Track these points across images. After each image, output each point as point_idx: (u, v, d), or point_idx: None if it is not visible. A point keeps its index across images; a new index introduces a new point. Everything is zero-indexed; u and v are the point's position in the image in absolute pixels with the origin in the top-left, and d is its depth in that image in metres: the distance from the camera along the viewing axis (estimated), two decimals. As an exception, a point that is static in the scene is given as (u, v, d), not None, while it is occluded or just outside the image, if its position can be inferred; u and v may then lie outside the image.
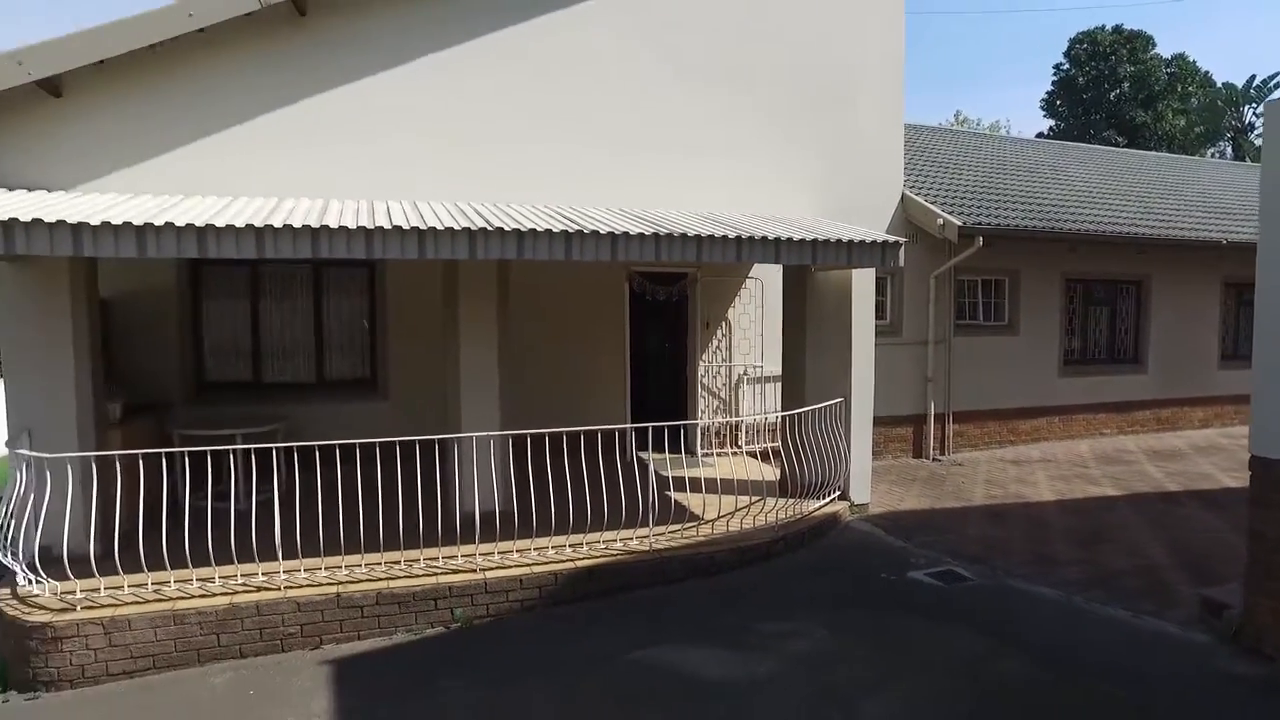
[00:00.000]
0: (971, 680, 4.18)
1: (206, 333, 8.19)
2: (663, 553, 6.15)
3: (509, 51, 6.70)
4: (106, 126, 5.74)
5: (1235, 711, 3.91)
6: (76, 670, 4.92)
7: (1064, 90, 35.96)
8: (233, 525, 5.44)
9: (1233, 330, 13.66)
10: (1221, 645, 4.52)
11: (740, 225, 6.52)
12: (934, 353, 10.84)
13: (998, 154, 15.16)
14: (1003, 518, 7.76)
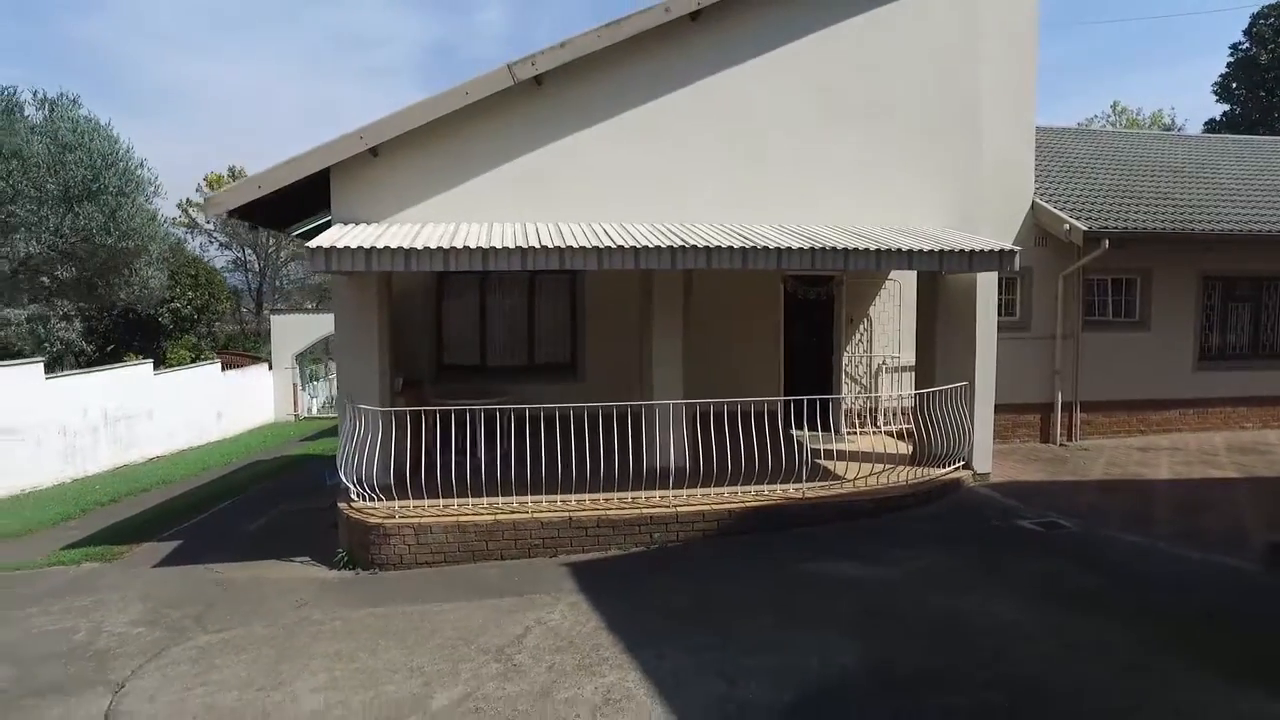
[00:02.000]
0: (1046, 587, 5.55)
1: (445, 328, 10.48)
2: (813, 500, 7.75)
3: (687, 106, 8.43)
4: (405, 176, 7.95)
5: (1236, 600, 5.11)
6: (396, 558, 7.11)
7: (1242, 71, 33.83)
8: (483, 470, 7.44)
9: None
10: (1269, 571, 5.66)
11: (879, 238, 8.00)
12: (1061, 346, 11.78)
13: (1139, 153, 15.48)
14: (1114, 490, 8.83)
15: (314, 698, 4.23)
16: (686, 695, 3.93)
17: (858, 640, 4.64)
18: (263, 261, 45.62)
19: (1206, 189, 13.47)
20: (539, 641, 4.89)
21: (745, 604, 5.44)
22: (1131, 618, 4.87)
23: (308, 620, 5.72)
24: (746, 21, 8.48)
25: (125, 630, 5.77)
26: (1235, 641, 4.51)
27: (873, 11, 8.83)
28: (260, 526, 9.94)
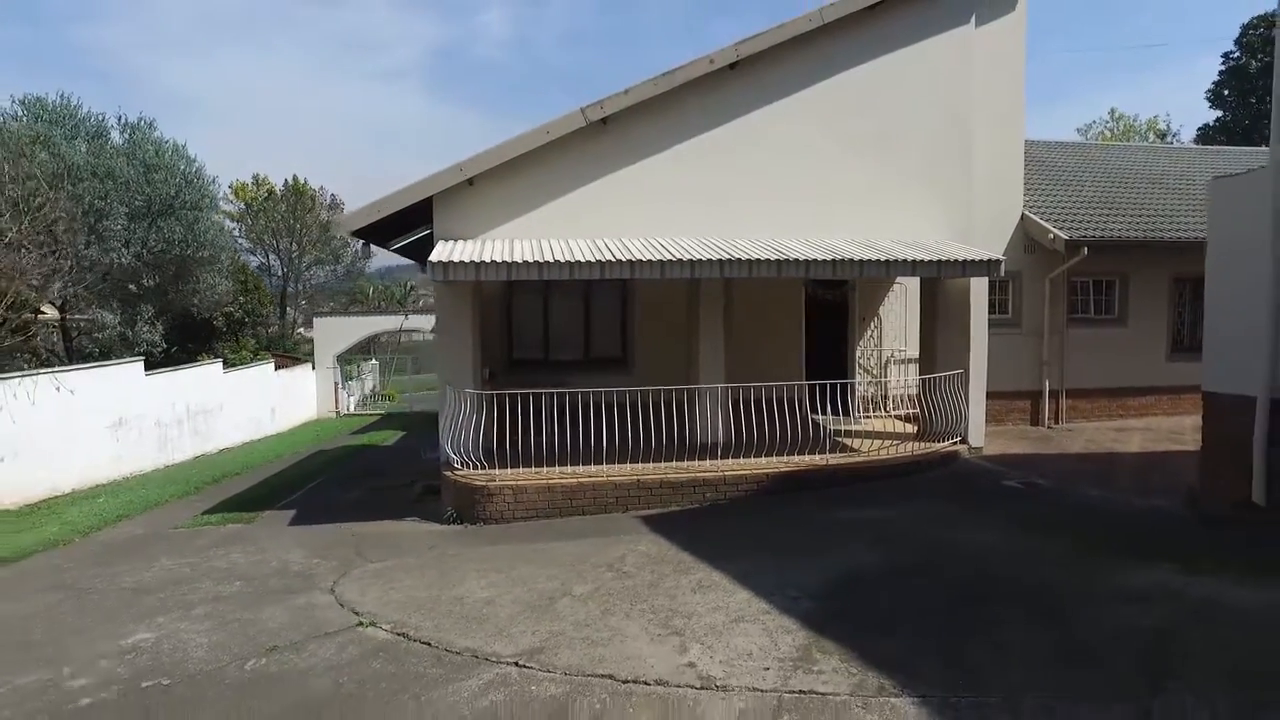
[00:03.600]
0: (1017, 521, 7.19)
1: (514, 328, 12.17)
2: (835, 467, 9.39)
3: (726, 140, 10.09)
4: (495, 199, 9.63)
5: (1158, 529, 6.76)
6: (498, 514, 8.78)
7: (1233, 79, 35.32)
8: (557, 443, 9.09)
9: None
10: (1183, 512, 7.30)
11: (888, 250, 9.65)
12: (1048, 341, 13.41)
13: (1122, 164, 17.03)
14: (1088, 460, 10.47)
15: (483, 591, 5.89)
16: (755, 581, 5.57)
17: (873, 552, 6.29)
18: (286, 266, 47.50)
19: (1180, 199, 15.06)
20: (636, 560, 6.56)
21: (787, 536, 7.09)
22: (1076, 538, 6.53)
23: (445, 554, 7.40)
24: (775, 69, 10.14)
25: (305, 562, 7.46)
26: (1148, 547, 6.15)
27: (879, 59, 10.49)
28: (355, 499, 11.64)
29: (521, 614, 5.24)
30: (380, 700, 3.97)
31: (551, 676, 4.13)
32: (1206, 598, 4.77)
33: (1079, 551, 6.08)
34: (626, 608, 5.23)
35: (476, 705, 3.82)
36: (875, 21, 10.34)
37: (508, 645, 4.63)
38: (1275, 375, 6.60)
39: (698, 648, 4.39)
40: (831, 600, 5.10)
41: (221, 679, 4.46)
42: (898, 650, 4.17)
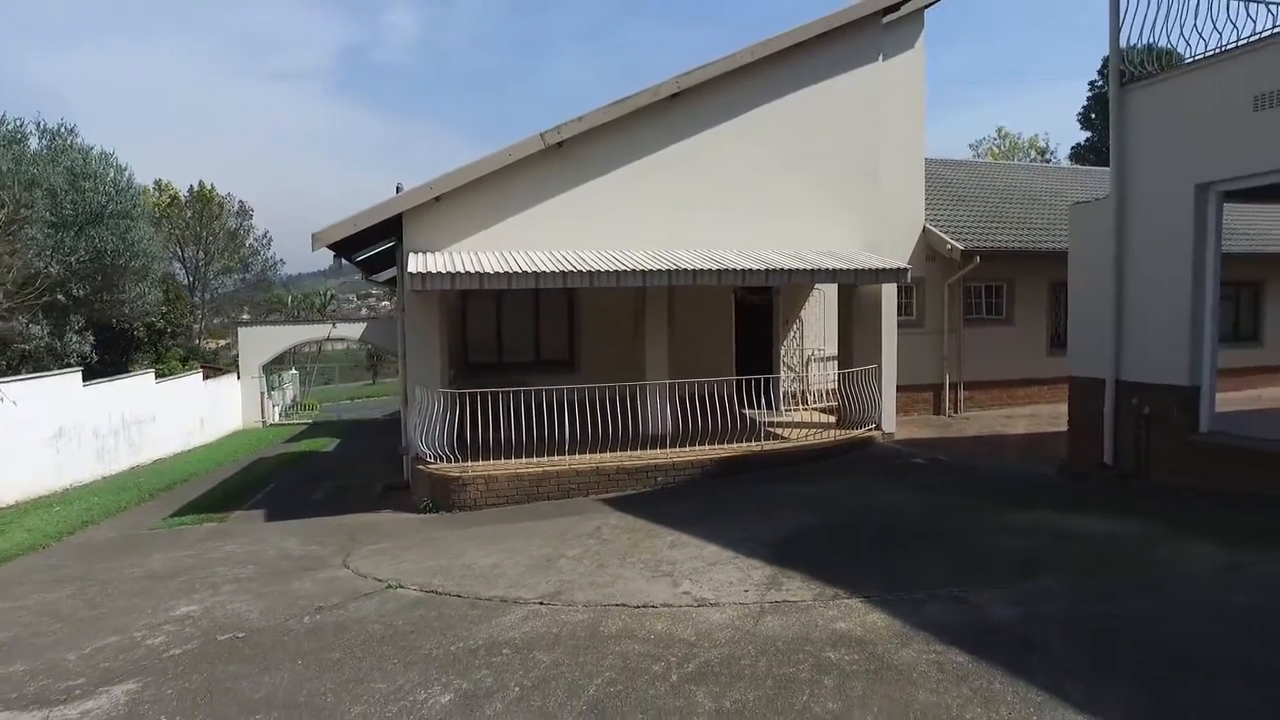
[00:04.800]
0: (924, 486, 8.62)
1: (469, 333, 13.01)
2: (769, 452, 10.65)
3: (669, 161, 11.26)
4: (461, 215, 10.50)
5: (1034, 486, 8.28)
6: (471, 501, 9.67)
7: (1099, 104, 39.00)
8: (520, 437, 10.06)
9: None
10: (1054, 474, 8.88)
11: (813, 260, 11.00)
12: (948, 339, 15.14)
13: (1008, 182, 19.17)
14: (981, 440, 12.11)
15: (486, 559, 6.83)
16: (719, 538, 6.70)
17: (811, 514, 7.53)
18: (191, 275, 46.28)
19: (1056, 213, 17.08)
20: (611, 530, 7.61)
21: (736, 506, 8.28)
22: (971, 495, 8.00)
23: (435, 536, 8.27)
24: (712, 98, 11.39)
25: (304, 548, 8.20)
26: (1026, 499, 7.63)
27: (803, 90, 11.87)
28: (320, 498, 12.29)
29: (528, 572, 6.22)
30: (439, 631, 4.90)
31: (574, 608, 5.15)
32: (1066, 529, 6.20)
33: (974, 504, 7.50)
34: (617, 562, 6.29)
35: (522, 629, 4.80)
36: (798, 57, 11.72)
37: (528, 592, 5.62)
38: (1119, 363, 8.21)
39: (687, 582, 5.49)
40: (785, 546, 6.29)
41: (288, 630, 5.27)
42: (843, 572, 5.37)
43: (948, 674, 3.66)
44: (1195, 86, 7.67)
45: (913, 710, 3.35)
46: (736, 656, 4.08)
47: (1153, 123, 8.10)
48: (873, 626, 4.34)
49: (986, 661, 3.74)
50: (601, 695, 3.77)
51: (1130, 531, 6.01)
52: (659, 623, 4.72)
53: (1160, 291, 7.92)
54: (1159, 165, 7.96)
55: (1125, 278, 8.26)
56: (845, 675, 3.74)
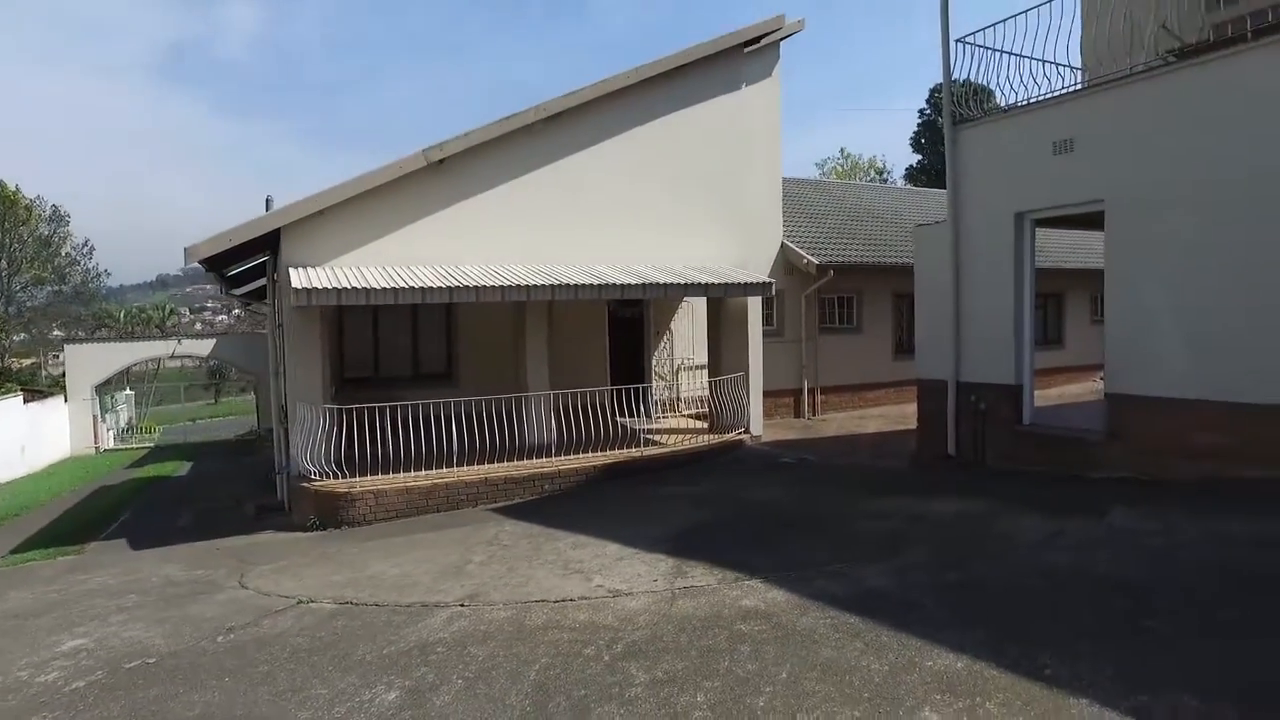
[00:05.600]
0: (794, 481, 9.46)
1: (346, 348, 12.84)
2: (649, 457, 11.23)
3: (549, 179, 11.67)
4: (341, 230, 10.43)
5: (891, 477, 9.32)
6: (360, 517, 9.66)
7: (928, 130, 42.78)
8: (405, 450, 10.16)
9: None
10: (907, 466, 9.98)
11: (682, 274, 11.70)
12: (805, 347, 16.35)
13: (855, 201, 20.87)
14: (840, 440, 13.24)
15: (394, 570, 6.96)
16: (618, 537, 7.15)
17: (699, 511, 8.14)
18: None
19: (897, 231, 18.82)
20: (510, 536, 7.90)
21: (627, 508, 8.78)
22: (837, 487, 8.91)
23: (332, 552, 8.24)
24: (588, 120, 11.90)
25: (188, 573, 7.95)
26: (885, 487, 8.58)
27: (675, 113, 12.61)
28: (186, 524, 11.77)
29: (440, 579, 6.44)
30: (368, 637, 5.07)
31: (496, 607, 5.45)
32: (922, 511, 7.12)
33: (841, 494, 8.37)
34: (525, 564, 6.61)
35: (450, 629, 5.06)
36: (671, 83, 12.46)
37: (446, 596, 5.86)
38: (959, 366, 9.37)
39: (599, 577, 5.91)
40: (681, 540, 6.84)
41: (204, 650, 5.24)
42: (739, 558, 5.97)
43: (843, 633, 4.29)
44: (1010, 130, 8.96)
45: (818, 664, 3.93)
46: (659, 635, 4.55)
47: (979, 158, 9.35)
48: (774, 601, 4.94)
49: (873, 620, 4.40)
50: (543, 678, 4.13)
51: (974, 510, 6.99)
52: (580, 613, 5.12)
53: (990, 303, 9.14)
54: (985, 195, 9.21)
55: (962, 291, 9.46)
56: (758, 642, 4.29)
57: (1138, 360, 7.83)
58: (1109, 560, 5.22)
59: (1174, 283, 7.54)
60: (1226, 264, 7.18)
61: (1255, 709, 3.24)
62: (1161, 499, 6.75)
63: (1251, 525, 5.77)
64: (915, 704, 3.44)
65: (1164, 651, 3.82)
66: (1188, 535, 5.59)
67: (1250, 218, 7.02)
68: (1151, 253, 7.72)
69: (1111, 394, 8.14)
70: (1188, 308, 7.43)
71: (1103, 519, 6.19)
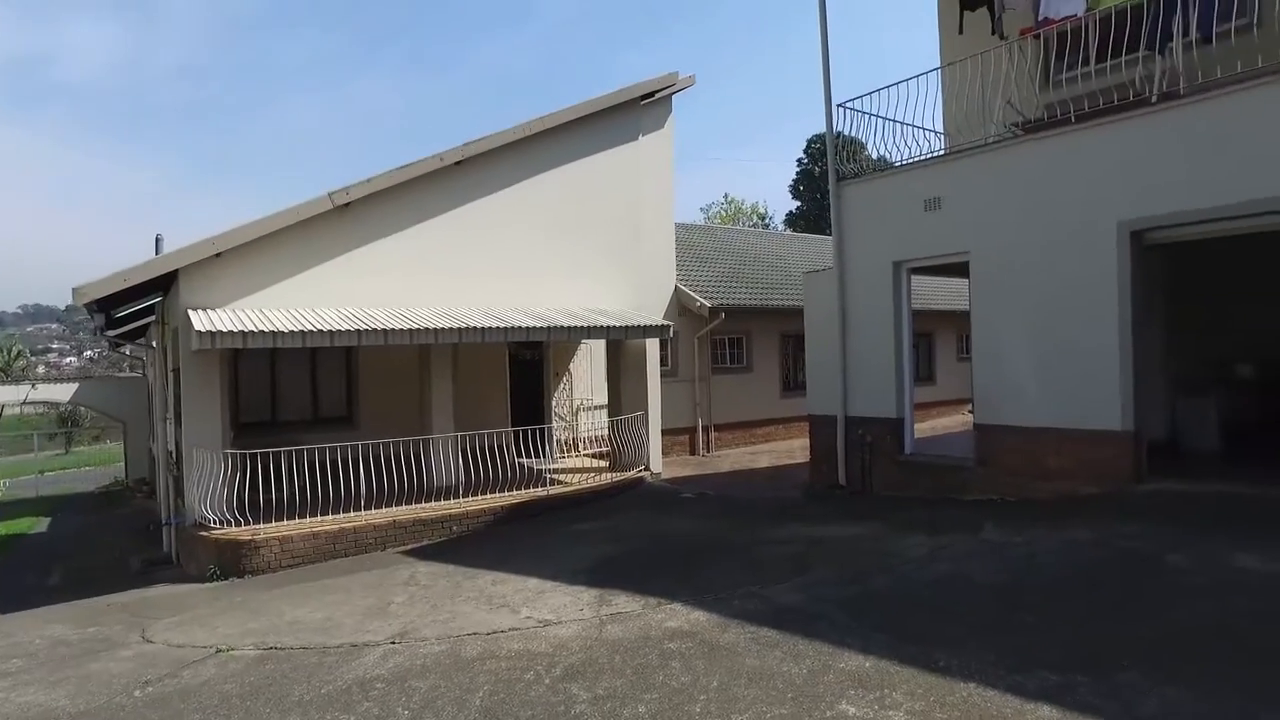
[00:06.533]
0: (699, 515, 9.95)
1: (241, 391, 12.50)
2: (554, 496, 11.48)
3: (454, 223, 11.89)
4: (244, 271, 10.28)
5: (788, 507, 9.97)
6: (265, 564, 9.45)
7: (806, 179, 45.38)
8: (318, 495, 10.06)
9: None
10: (801, 496, 10.69)
11: (585, 317, 12.14)
12: (699, 386, 17.06)
13: (742, 245, 21.97)
14: (735, 474, 13.90)
15: (314, 614, 6.93)
16: (537, 572, 7.39)
17: (611, 545, 8.48)
18: None
19: (783, 274, 19.97)
20: (427, 577, 7.98)
21: (541, 545, 9.00)
22: (739, 518, 9.45)
23: (241, 601, 8.05)
24: (495, 166, 12.25)
25: (80, 632, 7.59)
26: (784, 516, 9.19)
27: (576, 162, 13.13)
28: (60, 582, 11.17)
29: (365, 620, 6.49)
30: (302, 679, 5.11)
31: (428, 643, 5.60)
32: (820, 536, 7.73)
33: (744, 524, 8.90)
34: (449, 602, 6.76)
35: (387, 665, 5.18)
36: (572, 133, 12.99)
37: (375, 635, 5.94)
38: (847, 402, 10.19)
39: (526, 609, 6.15)
40: (599, 572, 7.15)
41: (122, 706, 5.11)
42: (659, 586, 6.34)
43: (763, 645, 4.74)
44: (887, 188, 9.96)
45: (744, 672, 4.35)
46: (594, 658, 4.86)
47: (860, 212, 10.30)
48: (697, 622, 5.34)
49: (788, 632, 4.87)
50: (489, 703, 4.36)
51: (866, 533, 7.66)
52: (514, 643, 5.35)
53: (873, 343, 10.03)
54: (867, 245, 10.14)
55: (848, 333, 10.32)
56: (687, 658, 4.67)
57: (1000, 394, 8.82)
58: (984, 568, 5.94)
59: (1025, 325, 8.59)
60: (1061, 310, 8.27)
61: (1098, 677, 3.92)
62: (1024, 515, 7.63)
63: (1091, 533, 6.67)
64: (833, 699, 3.92)
65: (1032, 638, 4.49)
66: (1045, 544, 6.42)
67: (1075, 271, 8.13)
68: (1007, 299, 8.76)
69: (980, 424, 9.10)
70: (1037, 347, 8.47)
71: (977, 534, 6.97)
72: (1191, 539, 6.17)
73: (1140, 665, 4.03)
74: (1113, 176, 7.92)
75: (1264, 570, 5.33)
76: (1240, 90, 7.23)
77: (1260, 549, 5.72)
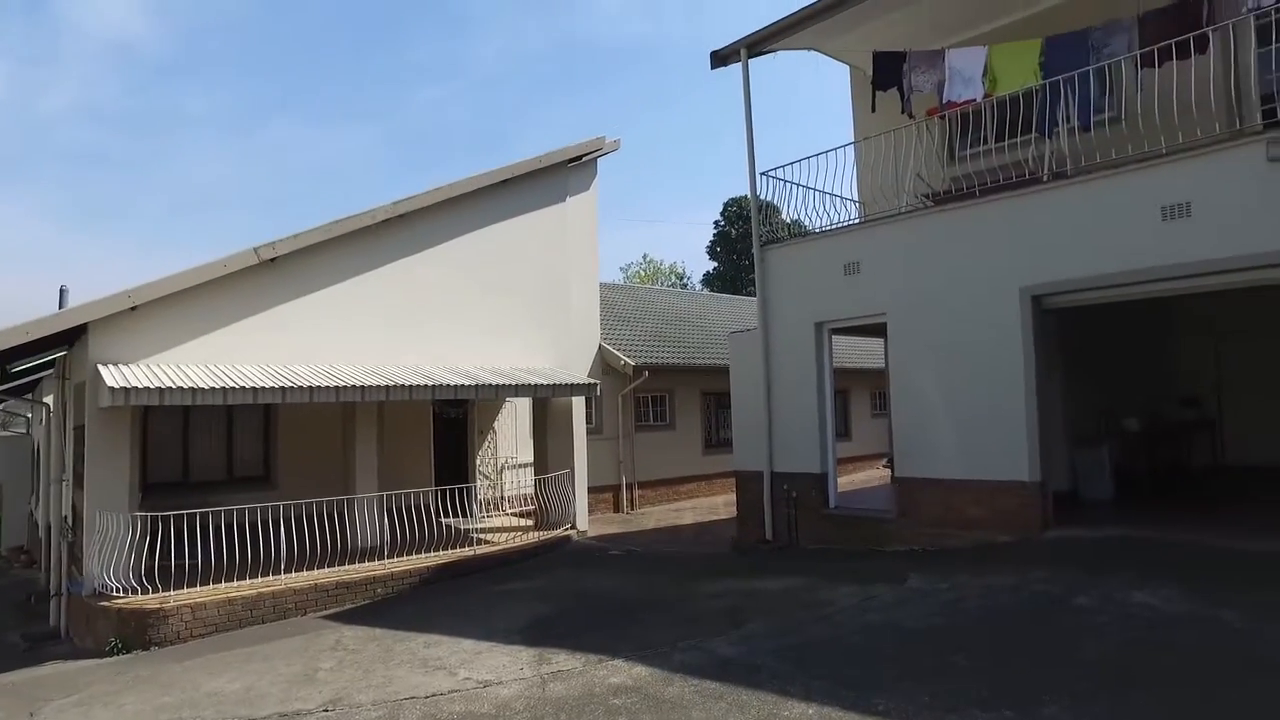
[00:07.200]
0: (628, 571, 9.97)
1: (150, 451, 11.93)
2: (481, 556, 11.30)
3: (380, 281, 11.84)
4: (161, 326, 9.94)
5: (717, 562, 10.12)
6: (175, 635, 8.94)
7: (722, 240, 46.76)
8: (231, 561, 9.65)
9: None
10: (730, 551, 10.85)
11: (513, 375, 12.17)
12: (623, 444, 17.17)
13: (664, 306, 22.45)
14: (661, 531, 13.99)
15: (234, 685, 6.60)
16: (470, 633, 7.26)
17: (543, 604, 8.41)
18: None
19: (704, 334, 20.46)
20: (354, 641, 7.72)
21: (471, 605, 8.84)
22: (669, 574, 9.52)
23: (149, 675, 7.56)
24: (424, 224, 12.32)
25: (-33, 709, 7.00)
26: (713, 571, 9.30)
27: (505, 222, 13.32)
28: (-67, 660, 10.19)
29: (292, 688, 6.24)
30: (229, 750, 4.89)
31: (364, 709, 5.44)
32: (752, 589, 7.89)
33: (675, 580, 8.98)
34: (382, 666, 6.57)
35: (319, 732, 5.02)
36: (502, 193, 13.23)
37: (306, 703, 5.73)
38: (772, 458, 10.50)
39: (463, 671, 6.04)
40: (535, 631, 7.10)
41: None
42: (597, 642, 6.34)
43: (707, 696, 4.82)
44: (809, 252, 10.49)
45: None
46: (540, 716, 4.83)
47: (783, 275, 10.78)
48: (639, 676, 5.37)
49: (731, 684, 4.97)
50: (435, 765, 4.28)
51: (797, 585, 7.85)
52: (456, 705, 5.26)
53: (796, 401, 10.41)
54: (790, 306, 10.60)
55: (773, 391, 10.68)
56: (633, 712, 4.70)
57: (919, 447, 9.27)
58: (913, 615, 6.19)
59: (939, 382, 9.11)
60: (971, 368, 8.83)
61: (1023, 713, 4.18)
62: (945, 564, 7.98)
63: (1008, 578, 7.04)
64: (781, 745, 4.03)
65: (961, 679, 4.72)
66: (968, 590, 6.74)
67: (984, 332, 8.73)
68: (922, 358, 9.29)
69: (900, 477, 9.52)
70: (951, 403, 8.98)
71: (903, 583, 7.26)
72: (1095, 581, 6.59)
73: (1060, 699, 4.30)
74: (1013, 246, 8.60)
75: (1157, 606, 5.77)
76: (1111, 175, 8.03)
77: (1152, 587, 6.18)
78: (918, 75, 9.57)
